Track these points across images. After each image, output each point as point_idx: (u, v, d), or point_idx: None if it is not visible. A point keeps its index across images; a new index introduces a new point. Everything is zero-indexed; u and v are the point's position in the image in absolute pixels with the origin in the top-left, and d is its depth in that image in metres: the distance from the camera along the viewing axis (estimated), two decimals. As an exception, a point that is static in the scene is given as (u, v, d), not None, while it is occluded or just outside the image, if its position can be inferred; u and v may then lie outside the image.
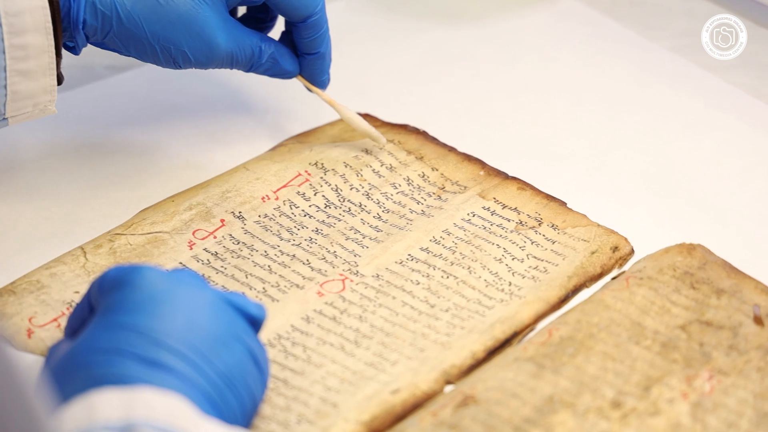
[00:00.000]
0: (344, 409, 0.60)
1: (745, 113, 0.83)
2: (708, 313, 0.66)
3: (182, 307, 0.54)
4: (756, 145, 0.81)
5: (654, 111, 0.84)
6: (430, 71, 0.87)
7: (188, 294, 0.55)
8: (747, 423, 0.60)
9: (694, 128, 0.82)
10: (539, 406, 0.60)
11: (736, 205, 0.76)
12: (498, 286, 0.68)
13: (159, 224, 0.71)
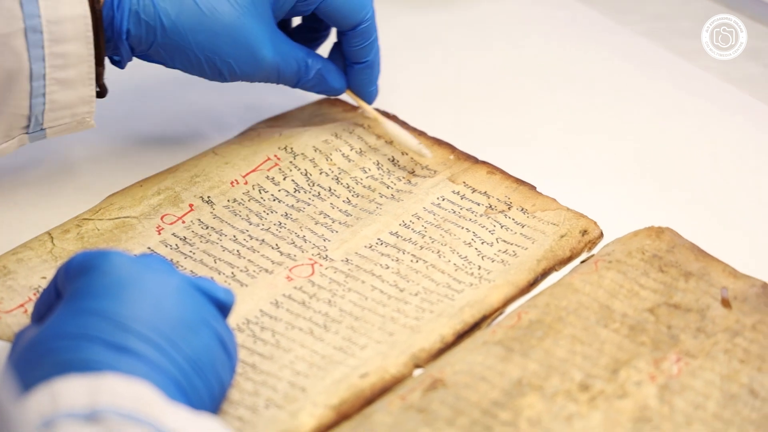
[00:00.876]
0: (313, 393, 0.60)
1: (714, 97, 0.84)
2: (676, 296, 0.66)
3: (150, 293, 0.54)
4: (725, 128, 0.81)
5: (623, 95, 0.84)
6: (400, 56, 0.87)
7: (156, 279, 0.54)
8: (714, 405, 0.60)
9: (663, 112, 0.83)
10: (508, 390, 0.60)
11: (704, 189, 0.76)
12: (467, 269, 0.68)
13: (127, 209, 0.71)
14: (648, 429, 0.59)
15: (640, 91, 0.85)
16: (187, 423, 0.48)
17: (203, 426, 0.49)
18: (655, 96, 0.84)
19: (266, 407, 0.59)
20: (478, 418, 0.59)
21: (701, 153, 0.79)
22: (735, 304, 0.66)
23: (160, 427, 0.47)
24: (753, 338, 0.64)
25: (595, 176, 0.77)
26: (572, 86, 0.85)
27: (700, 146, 0.79)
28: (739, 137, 0.81)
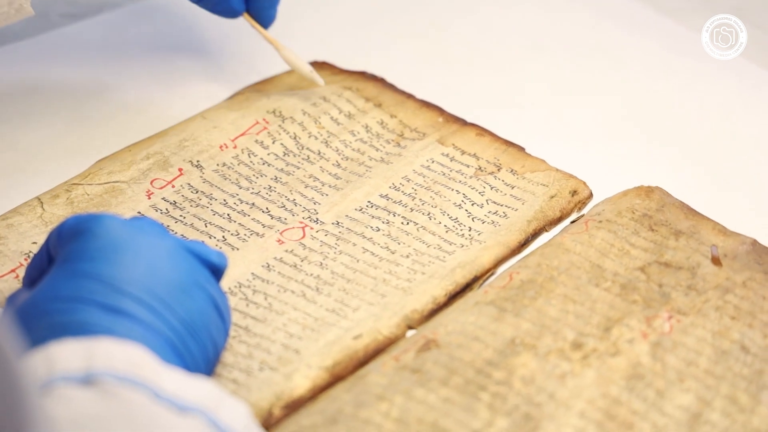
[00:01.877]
0: (306, 355, 0.60)
1: (701, 57, 0.84)
2: (667, 255, 0.67)
3: (143, 255, 0.53)
4: (712, 87, 0.81)
5: (611, 55, 0.84)
6: (387, 18, 0.87)
7: (149, 242, 0.54)
8: (706, 361, 0.60)
9: (650, 72, 0.82)
10: (501, 349, 0.60)
11: (692, 148, 0.76)
12: (458, 231, 0.68)
13: (116, 174, 0.70)
14: (641, 386, 0.59)
15: (627, 51, 0.84)
16: (182, 385, 0.48)
17: (199, 388, 0.48)
18: (643, 55, 0.84)
19: (260, 370, 0.59)
20: (471, 377, 0.59)
21: (689, 112, 0.79)
22: (725, 261, 0.66)
23: (155, 389, 0.47)
24: (743, 295, 0.64)
25: (583, 137, 0.77)
26: (559, 47, 0.85)
27: (687, 105, 0.80)
28: (727, 96, 0.81)
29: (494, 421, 0.57)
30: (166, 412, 0.47)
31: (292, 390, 0.58)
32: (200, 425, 0.47)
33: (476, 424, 0.57)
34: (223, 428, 0.48)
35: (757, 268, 0.66)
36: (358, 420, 0.56)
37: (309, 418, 0.57)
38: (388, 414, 0.57)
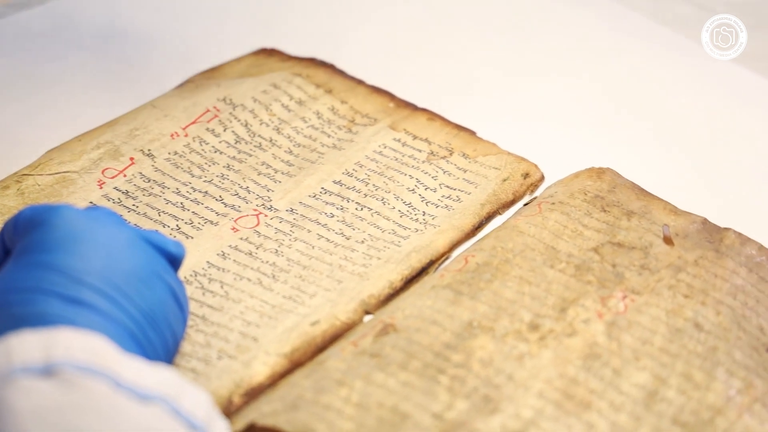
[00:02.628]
0: (265, 342, 0.60)
1: (648, 38, 0.84)
2: (619, 235, 0.67)
3: (102, 246, 0.53)
4: (659, 68, 0.82)
5: (559, 37, 0.85)
6: (335, 4, 0.87)
7: (107, 232, 0.54)
8: (660, 339, 0.61)
9: (599, 53, 0.83)
10: (459, 332, 0.61)
11: (642, 129, 0.77)
12: (412, 216, 0.68)
13: (67, 164, 0.69)
14: (597, 365, 0.59)
15: (575, 33, 0.85)
16: (143, 373, 0.48)
17: (160, 376, 0.48)
18: (591, 36, 0.85)
19: (219, 358, 0.59)
20: (430, 361, 0.59)
21: (637, 93, 0.80)
22: (677, 240, 0.67)
23: (116, 378, 0.47)
24: (696, 273, 0.65)
25: (533, 120, 0.77)
26: (507, 30, 0.85)
27: (635, 87, 0.80)
28: (674, 77, 0.81)
29: (454, 404, 0.57)
30: (127, 400, 0.46)
31: (251, 377, 0.58)
32: (162, 413, 0.47)
33: (436, 407, 0.57)
34: (185, 416, 0.48)
35: (708, 247, 0.67)
36: (319, 405, 0.56)
37: (269, 405, 0.56)
38: (349, 399, 0.57)
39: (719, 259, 0.66)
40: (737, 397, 0.59)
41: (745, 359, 0.60)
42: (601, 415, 0.57)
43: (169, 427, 0.47)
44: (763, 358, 0.61)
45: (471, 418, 0.57)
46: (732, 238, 0.67)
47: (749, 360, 0.60)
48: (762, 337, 0.62)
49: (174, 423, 0.47)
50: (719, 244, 0.67)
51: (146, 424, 0.46)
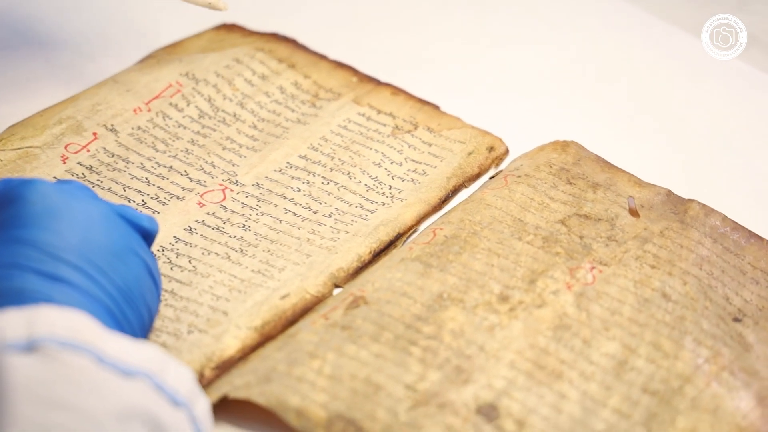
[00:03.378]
0: (235, 316, 0.59)
1: (609, 13, 0.85)
2: (585, 207, 0.67)
3: (78, 221, 0.52)
4: (620, 42, 0.82)
5: (521, 11, 0.85)
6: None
7: (83, 208, 0.53)
8: (629, 309, 0.61)
9: (561, 28, 0.83)
10: (429, 304, 0.60)
11: (605, 102, 0.77)
12: (378, 190, 0.68)
13: (29, 139, 0.68)
14: (567, 336, 0.60)
15: (538, 7, 0.85)
16: (126, 350, 0.47)
17: (143, 352, 0.48)
18: (553, 11, 0.85)
19: (189, 332, 0.58)
20: (402, 332, 0.59)
21: (599, 67, 0.80)
22: (642, 212, 0.67)
23: (99, 354, 0.46)
24: (662, 244, 0.65)
25: (496, 93, 0.77)
26: (470, 3, 0.85)
27: (597, 60, 0.80)
28: (635, 51, 0.82)
29: (426, 375, 0.57)
30: (111, 375, 0.46)
31: (222, 351, 0.57)
32: (145, 388, 0.47)
33: (409, 378, 0.57)
34: (168, 392, 0.47)
35: (673, 218, 0.67)
36: (292, 378, 0.56)
37: (242, 378, 0.56)
38: (321, 371, 0.56)
39: (684, 230, 0.66)
40: (705, 365, 0.59)
41: (712, 328, 0.61)
42: (572, 384, 0.58)
43: (153, 402, 0.46)
44: (729, 327, 0.61)
45: (444, 388, 0.57)
46: (696, 210, 0.68)
47: (716, 329, 0.61)
48: (728, 307, 0.62)
49: (157, 398, 0.47)
50: (684, 216, 0.67)
51: (130, 398, 0.46)
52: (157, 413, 0.46)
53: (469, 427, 0.55)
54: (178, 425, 0.47)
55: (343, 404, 0.55)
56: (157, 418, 0.46)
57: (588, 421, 0.56)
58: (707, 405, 0.57)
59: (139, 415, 0.45)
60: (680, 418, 0.57)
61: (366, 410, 0.55)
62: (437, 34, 0.82)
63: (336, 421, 0.55)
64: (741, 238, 0.67)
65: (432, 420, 0.55)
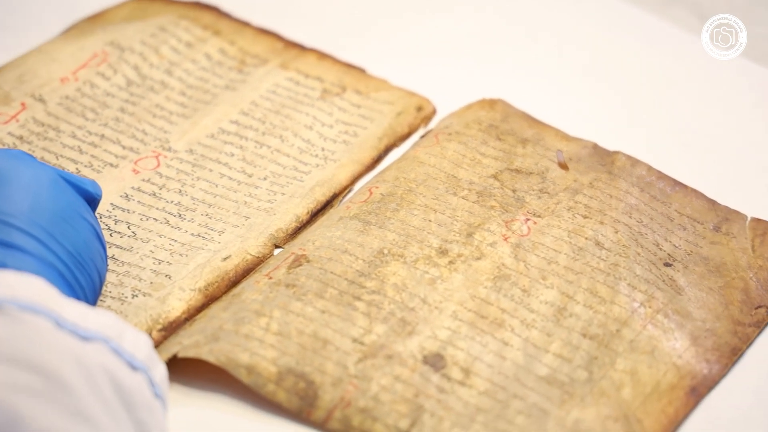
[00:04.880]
0: (178, 279, 0.59)
1: None
2: (516, 162, 0.68)
3: (27, 187, 0.52)
4: (539, 2, 0.83)
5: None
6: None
7: (30, 173, 0.52)
8: (564, 258, 0.62)
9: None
10: (370, 260, 0.61)
11: (528, 59, 0.78)
12: (311, 152, 0.68)
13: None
14: (507, 286, 0.61)
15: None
16: (83, 315, 0.47)
17: (100, 317, 0.47)
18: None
19: (134, 296, 0.58)
20: (345, 288, 0.59)
21: (520, 26, 0.81)
22: (571, 164, 0.69)
23: (57, 318, 0.46)
24: (592, 195, 0.67)
25: (420, 56, 0.78)
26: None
27: (518, 19, 0.81)
28: (560, 8, 0.83)
29: (372, 328, 0.57)
30: (70, 337, 0.46)
31: (168, 312, 0.57)
32: (104, 351, 0.46)
33: (355, 332, 0.57)
34: (126, 357, 0.47)
35: (601, 169, 0.69)
36: (240, 335, 0.56)
37: (190, 338, 0.56)
38: (268, 328, 0.57)
39: (612, 181, 0.68)
40: (640, 309, 0.61)
41: (645, 273, 0.62)
42: (514, 332, 0.59)
43: (111, 363, 0.46)
44: (661, 271, 0.63)
45: (390, 341, 0.57)
46: (623, 161, 0.69)
47: (649, 274, 0.62)
48: (659, 252, 0.64)
49: (116, 361, 0.46)
50: (611, 167, 0.69)
51: (89, 358, 0.45)
52: (118, 375, 0.46)
53: (417, 377, 0.56)
54: (138, 388, 0.47)
55: (293, 359, 0.56)
56: (118, 378, 0.46)
57: (531, 367, 0.57)
58: (645, 347, 0.59)
59: (102, 373, 0.45)
60: (620, 360, 0.58)
61: (315, 364, 0.56)
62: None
63: (286, 376, 0.55)
64: (667, 186, 0.68)
65: (381, 371, 0.56)
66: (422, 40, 0.79)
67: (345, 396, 0.55)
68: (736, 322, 0.61)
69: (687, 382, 0.58)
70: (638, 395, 0.57)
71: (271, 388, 0.55)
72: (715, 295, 0.62)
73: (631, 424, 0.56)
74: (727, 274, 0.63)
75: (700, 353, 0.59)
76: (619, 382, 0.57)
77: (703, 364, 0.59)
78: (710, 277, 0.63)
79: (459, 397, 0.56)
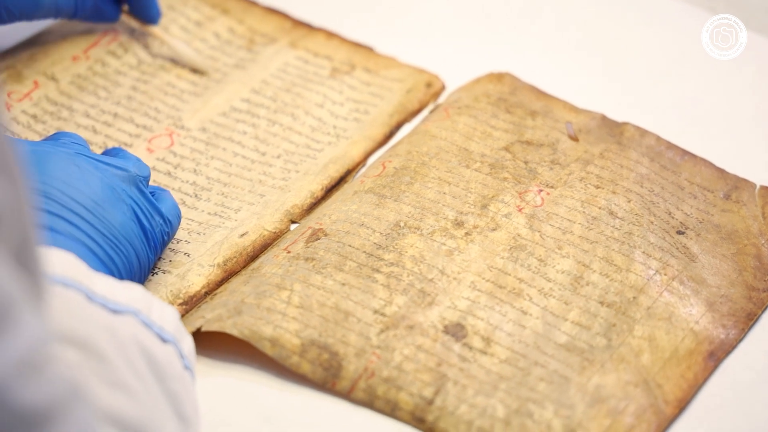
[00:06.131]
0: (196, 256, 0.59)
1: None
2: (527, 134, 0.69)
3: (60, 171, 0.52)
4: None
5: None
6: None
7: (65, 157, 0.53)
8: (579, 228, 0.63)
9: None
10: (387, 233, 0.61)
11: (534, 33, 0.78)
12: (323, 130, 0.68)
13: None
14: (523, 256, 0.61)
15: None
16: (113, 289, 0.47)
17: (129, 291, 0.48)
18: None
19: (153, 274, 0.58)
20: (364, 261, 0.60)
21: (528, 0, 0.81)
22: (580, 136, 0.69)
23: (88, 292, 0.46)
24: (603, 165, 0.67)
25: (426, 33, 0.78)
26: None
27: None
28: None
29: (393, 299, 0.58)
30: (101, 310, 0.46)
31: (188, 287, 0.58)
32: (135, 323, 0.47)
33: (376, 304, 0.58)
34: (156, 329, 0.47)
35: (611, 140, 0.69)
36: (262, 309, 0.56)
37: (213, 312, 0.56)
38: (290, 301, 0.57)
39: (623, 151, 0.68)
40: (656, 276, 0.61)
41: (659, 241, 0.63)
42: (532, 301, 0.59)
43: (142, 335, 0.46)
44: (674, 239, 0.63)
45: (411, 311, 0.58)
46: (632, 131, 0.70)
47: (663, 242, 0.63)
48: (671, 221, 0.64)
49: (146, 333, 0.47)
50: (620, 137, 0.69)
51: (120, 330, 0.46)
52: (149, 346, 0.46)
53: (438, 347, 0.56)
54: (168, 359, 0.47)
55: (315, 331, 0.56)
56: (149, 350, 0.46)
57: (551, 335, 0.58)
58: (662, 313, 0.59)
59: (134, 345, 0.46)
60: (637, 326, 0.59)
61: (338, 336, 0.56)
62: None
63: (310, 348, 0.55)
64: (676, 156, 0.69)
65: (403, 341, 0.56)
66: (428, 17, 0.79)
67: (368, 366, 0.55)
68: (751, 287, 0.62)
69: (705, 347, 0.59)
70: (657, 361, 0.58)
71: (295, 360, 0.55)
72: (729, 262, 0.63)
73: (652, 389, 0.56)
74: (739, 241, 0.64)
75: (716, 319, 0.60)
76: (638, 349, 0.58)
77: (719, 329, 0.59)
78: (723, 244, 0.64)
79: (481, 366, 0.56)
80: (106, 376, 0.43)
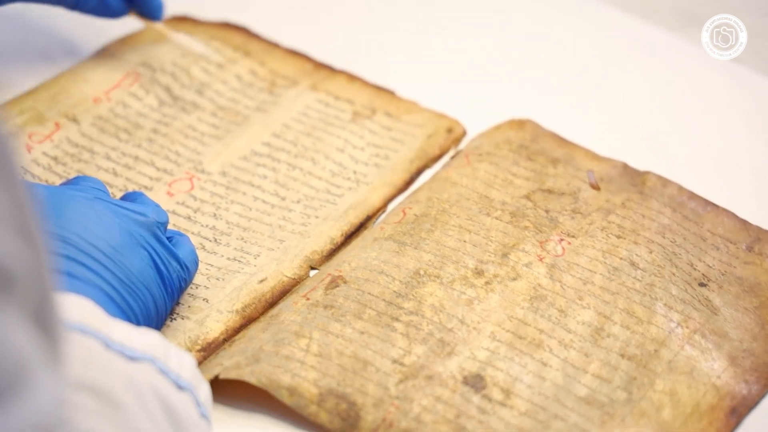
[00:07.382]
0: (215, 302, 0.59)
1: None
2: (548, 182, 0.68)
3: (78, 216, 0.52)
4: (565, 23, 0.83)
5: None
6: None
7: (84, 203, 0.53)
8: (600, 278, 0.62)
9: (504, 10, 0.84)
10: (407, 281, 0.61)
11: (555, 78, 0.78)
12: (344, 175, 0.68)
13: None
14: (544, 306, 0.60)
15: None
16: (130, 335, 0.47)
17: (146, 338, 0.47)
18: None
19: (171, 320, 0.58)
20: (383, 309, 0.59)
21: (547, 46, 0.81)
22: (602, 185, 0.69)
23: (106, 339, 0.46)
24: (624, 215, 0.67)
25: (448, 77, 0.78)
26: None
27: (544, 40, 0.82)
28: (586, 30, 0.83)
29: (412, 349, 0.57)
30: (119, 358, 0.45)
31: (206, 334, 0.57)
32: (152, 371, 0.46)
33: (395, 353, 0.57)
34: (173, 376, 0.47)
35: (632, 189, 0.69)
36: (280, 357, 0.56)
37: (231, 359, 0.56)
38: (309, 349, 0.56)
39: (644, 201, 0.68)
40: (678, 329, 0.60)
41: (680, 293, 0.62)
42: (553, 352, 0.58)
43: (159, 383, 0.46)
44: (696, 291, 0.63)
45: (430, 361, 0.57)
46: (653, 181, 0.69)
47: (685, 294, 0.62)
48: (693, 272, 0.64)
49: (162, 380, 0.46)
50: (642, 187, 0.69)
51: (139, 378, 0.45)
52: (165, 394, 0.46)
53: (457, 398, 0.56)
54: (185, 407, 0.47)
55: (334, 380, 0.55)
56: (166, 398, 0.46)
57: (571, 387, 0.57)
58: (683, 367, 0.59)
59: (151, 393, 0.45)
60: (659, 380, 0.58)
61: (356, 385, 0.56)
62: (387, 21, 0.83)
63: (328, 397, 0.55)
64: (698, 206, 0.68)
65: (422, 392, 0.56)
66: (450, 61, 0.79)
67: (387, 417, 0.55)
68: (773, 342, 0.61)
69: (727, 403, 0.58)
70: (678, 416, 0.57)
71: (313, 409, 0.55)
72: (751, 315, 0.62)
73: (673, 444, 0.56)
74: (762, 294, 0.63)
75: (738, 374, 0.59)
76: (659, 403, 0.57)
77: (742, 384, 0.59)
78: (745, 297, 0.63)
79: (500, 418, 0.55)
80: (124, 425, 0.43)
